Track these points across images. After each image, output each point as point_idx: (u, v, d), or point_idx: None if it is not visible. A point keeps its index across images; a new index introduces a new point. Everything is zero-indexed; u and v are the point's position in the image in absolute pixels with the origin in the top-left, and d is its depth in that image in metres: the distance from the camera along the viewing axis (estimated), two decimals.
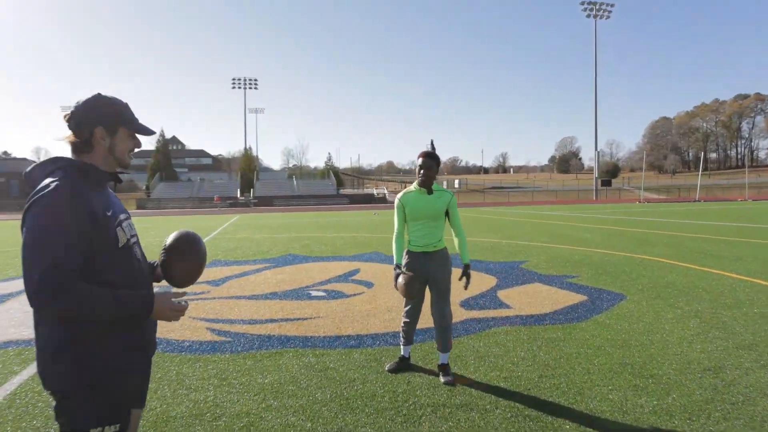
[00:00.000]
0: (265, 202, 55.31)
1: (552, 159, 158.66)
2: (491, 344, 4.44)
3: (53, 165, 1.65)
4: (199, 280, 7.76)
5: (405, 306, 3.81)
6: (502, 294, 6.44)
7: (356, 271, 8.43)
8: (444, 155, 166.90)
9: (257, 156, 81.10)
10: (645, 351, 4.19)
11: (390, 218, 25.11)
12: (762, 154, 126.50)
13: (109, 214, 1.64)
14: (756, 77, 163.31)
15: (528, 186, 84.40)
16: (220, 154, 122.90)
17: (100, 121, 1.70)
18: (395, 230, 3.74)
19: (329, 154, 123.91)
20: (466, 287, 3.64)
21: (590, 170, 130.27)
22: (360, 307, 5.89)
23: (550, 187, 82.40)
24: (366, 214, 31.25)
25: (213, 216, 32.98)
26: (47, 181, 1.58)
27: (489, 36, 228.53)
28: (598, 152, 60.38)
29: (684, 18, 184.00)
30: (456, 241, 3.76)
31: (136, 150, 1.84)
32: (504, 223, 19.69)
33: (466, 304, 5.89)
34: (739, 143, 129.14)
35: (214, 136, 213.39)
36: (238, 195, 59.51)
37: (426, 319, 5.13)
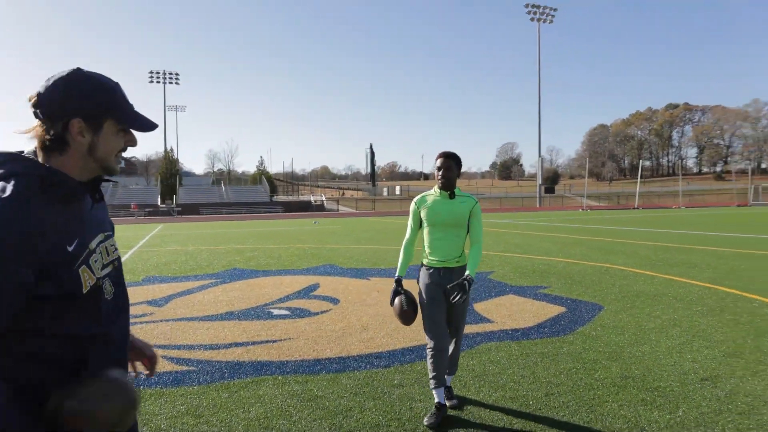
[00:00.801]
0: (190, 210, 53.16)
1: (493, 165, 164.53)
2: (485, 362, 4.45)
3: (3, 167, 1.25)
4: (139, 299, 7.28)
5: (429, 336, 3.43)
6: (479, 307, 6.50)
7: (315, 285, 8.24)
8: (382, 160, 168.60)
9: (178, 159, 77.90)
10: (640, 363, 4.35)
11: (335, 227, 24.91)
12: (690, 163, 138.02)
13: (70, 249, 1.25)
14: (686, 88, 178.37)
15: (471, 193, 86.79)
16: (134, 157, 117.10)
17: (79, 109, 1.28)
18: (406, 238, 3.58)
19: (261, 157, 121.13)
20: (453, 300, 3.27)
21: (531, 177, 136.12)
22: (332, 326, 5.73)
23: (493, 194, 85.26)
24: (306, 223, 30.82)
25: (131, 225, 31.22)
26: None
27: (430, 38, 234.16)
28: (541, 159, 63.24)
29: (622, 26, 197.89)
30: (469, 250, 3.48)
31: (129, 150, 1.44)
32: None
33: None
34: (669, 152, 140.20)
35: None
36: (159, 202, 56.85)
37: (413, 337, 5.09)
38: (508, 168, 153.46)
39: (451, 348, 3.62)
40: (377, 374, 4.21)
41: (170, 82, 74.93)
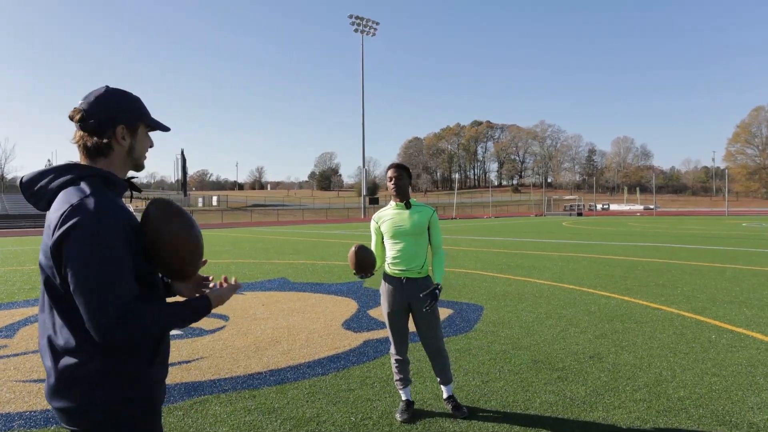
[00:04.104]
0: None
1: (312, 175, 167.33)
2: (412, 360, 4.94)
3: (70, 174, 1.54)
4: None
5: (393, 344, 3.75)
6: (373, 313, 7.00)
7: None
8: (192, 168, 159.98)
9: None
10: (539, 349, 5.28)
11: None
12: (492, 176, 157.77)
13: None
14: (488, 106, 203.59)
15: (294, 204, 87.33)
16: None
17: (121, 117, 1.62)
18: (372, 249, 3.76)
19: (49, 161, 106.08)
20: (426, 309, 3.55)
21: (351, 187, 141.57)
22: (238, 342, 5.70)
23: (316, 205, 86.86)
24: None
25: None
26: (75, 195, 1.48)
27: (245, 45, 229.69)
28: (366, 170, 66.61)
29: (434, 44, 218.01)
30: (432, 259, 3.72)
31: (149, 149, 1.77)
32: (300, 245, 20.33)
33: (349, 326, 6.28)
34: (475, 165, 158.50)
35: None
36: None
37: (331, 345, 5.30)
38: (327, 178, 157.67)
39: (426, 357, 3.92)
40: (320, 382, 4.43)
41: None
